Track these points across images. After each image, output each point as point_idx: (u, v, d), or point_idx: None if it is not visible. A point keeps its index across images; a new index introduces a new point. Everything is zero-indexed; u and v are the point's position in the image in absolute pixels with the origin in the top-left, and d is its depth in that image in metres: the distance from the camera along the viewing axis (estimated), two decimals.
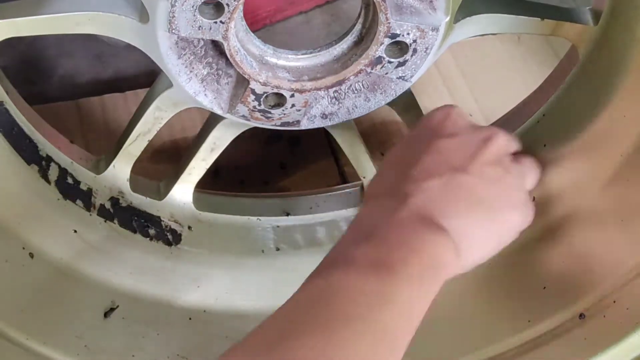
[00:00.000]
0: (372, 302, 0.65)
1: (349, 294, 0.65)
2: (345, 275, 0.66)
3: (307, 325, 0.63)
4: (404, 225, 0.71)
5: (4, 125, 0.83)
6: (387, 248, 0.68)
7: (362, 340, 0.63)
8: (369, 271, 0.66)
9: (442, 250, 0.70)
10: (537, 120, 0.92)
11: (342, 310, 0.64)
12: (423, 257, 0.69)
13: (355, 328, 0.63)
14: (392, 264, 0.67)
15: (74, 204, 0.90)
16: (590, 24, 0.84)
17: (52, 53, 1.25)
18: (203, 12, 0.73)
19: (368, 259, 0.67)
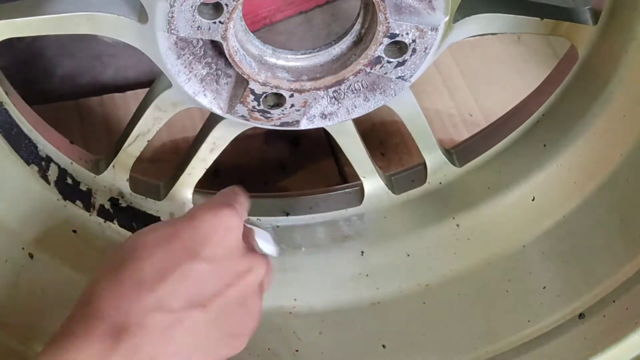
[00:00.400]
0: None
1: None
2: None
3: None
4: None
5: (3, 125, 0.83)
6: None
7: None
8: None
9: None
10: (537, 120, 0.92)
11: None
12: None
13: None
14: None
15: (73, 204, 0.90)
16: (589, 24, 0.84)
17: (52, 53, 1.25)
18: (202, 12, 0.73)
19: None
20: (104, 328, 0.66)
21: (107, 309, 0.67)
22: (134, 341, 0.66)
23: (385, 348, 0.91)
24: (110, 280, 0.69)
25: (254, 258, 0.75)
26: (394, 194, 0.97)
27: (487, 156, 0.95)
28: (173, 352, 0.68)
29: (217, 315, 0.71)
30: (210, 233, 0.72)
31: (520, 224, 0.94)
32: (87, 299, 0.69)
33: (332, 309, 0.94)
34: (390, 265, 0.96)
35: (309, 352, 0.91)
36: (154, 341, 0.67)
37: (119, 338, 0.65)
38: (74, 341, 0.66)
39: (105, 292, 0.69)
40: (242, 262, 0.74)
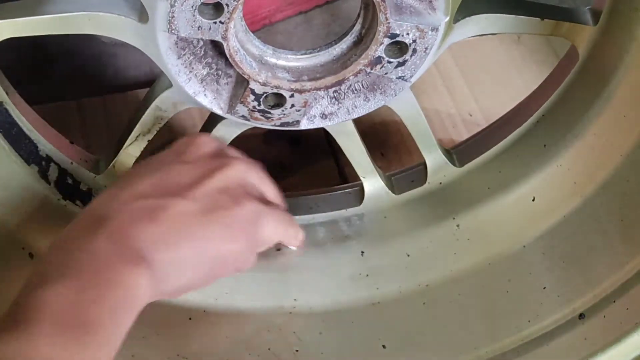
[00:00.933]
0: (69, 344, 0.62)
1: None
2: (38, 330, 0.61)
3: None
4: (98, 255, 0.66)
5: (3, 125, 0.83)
6: (80, 288, 0.64)
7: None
8: (61, 321, 0.62)
9: (136, 282, 0.66)
10: (537, 120, 0.92)
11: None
12: (117, 292, 0.65)
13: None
14: (85, 307, 0.63)
15: (73, 204, 0.90)
16: (589, 24, 0.84)
17: (52, 53, 1.25)
18: (202, 12, 0.73)
19: (60, 304, 0.63)
20: (86, 221, 0.70)
21: (92, 209, 0.72)
22: (113, 224, 0.69)
23: (385, 348, 0.91)
24: (99, 195, 0.75)
25: (231, 158, 0.79)
26: (394, 194, 0.97)
27: (487, 156, 0.95)
28: (160, 236, 0.70)
29: (202, 203, 0.73)
30: (184, 146, 0.80)
31: (520, 224, 0.94)
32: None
33: (332, 309, 0.94)
34: (390, 265, 0.96)
35: (309, 352, 0.91)
36: (136, 223, 0.69)
37: (100, 224, 0.69)
38: (62, 237, 0.70)
39: (93, 201, 0.74)
40: (218, 160, 0.78)
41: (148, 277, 0.67)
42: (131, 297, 0.66)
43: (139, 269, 0.67)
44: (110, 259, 0.66)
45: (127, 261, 0.67)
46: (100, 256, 0.66)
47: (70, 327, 0.62)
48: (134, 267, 0.67)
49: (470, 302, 0.93)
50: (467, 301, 0.93)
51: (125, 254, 0.67)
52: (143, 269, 0.67)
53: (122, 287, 0.66)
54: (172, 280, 0.71)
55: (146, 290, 0.67)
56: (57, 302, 0.63)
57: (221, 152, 0.81)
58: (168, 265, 0.70)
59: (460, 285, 0.94)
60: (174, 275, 0.71)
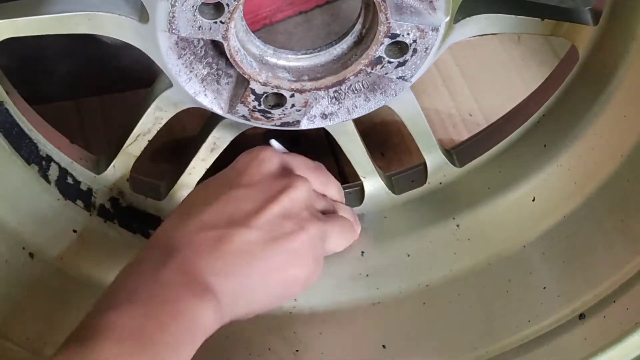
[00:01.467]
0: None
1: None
2: (103, 348, 0.64)
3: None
4: (166, 285, 0.69)
5: (4, 125, 0.83)
6: (145, 315, 0.66)
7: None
8: (126, 343, 0.64)
9: (201, 313, 0.68)
10: (537, 120, 0.92)
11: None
12: (181, 323, 0.67)
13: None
14: (149, 332, 0.65)
15: (74, 204, 0.90)
16: (590, 24, 0.84)
17: (52, 53, 1.25)
18: (203, 12, 0.73)
19: (125, 328, 0.65)
20: (156, 253, 0.72)
21: (160, 239, 0.75)
22: (183, 256, 0.71)
23: (385, 348, 0.91)
24: (163, 224, 0.77)
25: (293, 177, 0.80)
26: (394, 194, 0.97)
27: (488, 156, 0.95)
28: (227, 266, 0.72)
29: (267, 231, 0.74)
30: (246, 166, 0.80)
31: (521, 224, 0.94)
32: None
33: (332, 309, 0.94)
34: (390, 265, 0.96)
35: (309, 352, 0.91)
36: (203, 255, 0.71)
37: (169, 255, 0.71)
38: (133, 264, 0.72)
39: (159, 229, 0.76)
40: (280, 182, 0.78)
41: (213, 308, 0.69)
42: (195, 327, 0.68)
43: (204, 301, 0.69)
44: (178, 290, 0.68)
45: (193, 293, 0.69)
46: (169, 287, 0.69)
47: (133, 350, 0.64)
48: (200, 299, 0.69)
49: (470, 302, 0.93)
50: (467, 301, 0.93)
51: (192, 285, 0.69)
52: (208, 300, 0.69)
53: (187, 317, 0.67)
54: (241, 307, 0.73)
55: (211, 320, 0.69)
56: (123, 326, 0.65)
57: (283, 169, 0.81)
58: (235, 294, 0.72)
59: (460, 285, 0.94)
60: (243, 303, 0.73)
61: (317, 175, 0.86)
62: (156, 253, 0.72)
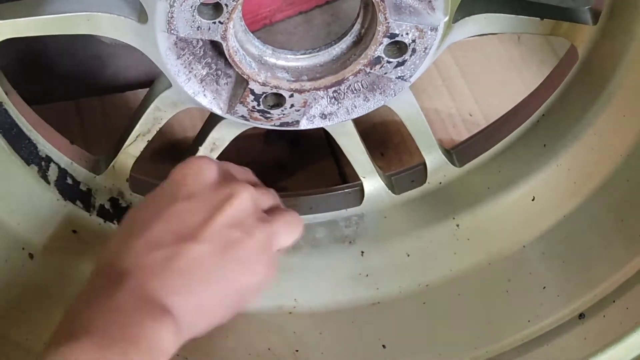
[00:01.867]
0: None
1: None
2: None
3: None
4: (122, 312, 0.67)
5: (3, 125, 0.83)
6: (105, 345, 0.64)
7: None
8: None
9: (161, 336, 0.67)
10: (537, 120, 0.92)
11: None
12: (142, 347, 0.65)
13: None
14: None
15: (73, 204, 0.90)
16: (589, 24, 0.84)
17: (52, 53, 1.25)
18: (202, 12, 0.73)
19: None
20: (108, 279, 0.70)
21: (108, 263, 0.72)
22: (135, 280, 0.69)
23: (385, 348, 0.91)
24: (108, 245, 0.75)
25: (234, 184, 0.77)
26: (394, 194, 0.97)
27: (487, 156, 0.95)
28: (181, 285, 0.70)
29: (215, 243, 0.73)
30: (183, 177, 0.77)
31: (520, 224, 0.94)
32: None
33: (332, 309, 0.94)
34: (390, 265, 0.96)
35: (309, 352, 0.91)
36: (155, 275, 0.70)
37: (121, 281, 0.69)
38: (85, 293, 0.70)
39: (105, 253, 0.74)
40: (221, 191, 0.76)
41: (172, 329, 0.68)
42: (156, 350, 0.66)
43: (161, 323, 0.67)
44: (134, 315, 0.67)
45: (151, 316, 0.67)
46: (124, 313, 0.67)
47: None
48: (156, 321, 0.67)
49: (470, 302, 0.93)
50: (467, 301, 0.93)
51: (148, 309, 0.68)
52: (166, 322, 0.68)
53: (146, 342, 0.66)
54: (199, 323, 0.72)
55: (171, 341, 0.68)
56: (85, 359, 0.64)
57: (221, 176, 0.79)
58: (193, 311, 0.71)
59: (460, 285, 0.94)
60: (200, 318, 0.72)
61: (251, 177, 0.84)
62: (107, 279, 0.70)
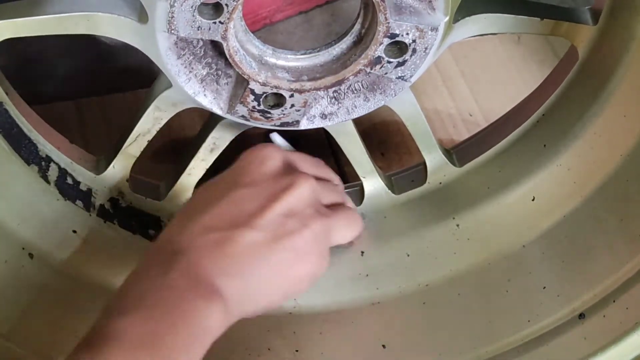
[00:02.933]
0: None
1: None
2: (115, 354, 0.64)
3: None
4: (173, 289, 0.69)
5: (3, 125, 0.83)
6: (155, 319, 0.67)
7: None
8: (138, 348, 0.65)
9: (210, 315, 0.69)
10: (537, 120, 0.92)
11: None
12: (191, 325, 0.68)
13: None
14: (160, 336, 0.66)
15: (73, 204, 0.90)
16: (589, 24, 0.84)
17: (52, 53, 1.25)
18: (202, 12, 0.73)
19: (136, 333, 0.65)
20: (161, 257, 0.72)
21: (163, 243, 0.74)
22: (188, 259, 0.71)
23: (385, 348, 0.91)
24: (166, 228, 0.77)
25: (296, 175, 0.79)
26: (394, 194, 0.97)
27: (487, 156, 0.95)
28: (232, 268, 0.72)
29: (269, 231, 0.74)
30: (247, 164, 0.79)
31: (520, 223, 0.94)
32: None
33: (332, 309, 0.94)
34: (390, 265, 0.96)
35: (309, 352, 0.91)
36: (208, 257, 0.71)
37: (174, 259, 0.71)
38: (139, 270, 0.73)
39: (163, 233, 0.76)
40: (282, 180, 0.78)
41: (221, 309, 0.69)
42: (205, 329, 0.68)
43: (211, 302, 0.69)
44: (184, 293, 0.69)
45: (200, 295, 0.69)
46: (176, 290, 0.69)
47: (144, 354, 0.65)
48: (206, 300, 0.69)
49: (470, 302, 0.93)
50: (467, 301, 0.93)
51: (199, 288, 0.69)
52: (216, 301, 0.69)
53: (195, 319, 0.68)
54: (247, 306, 0.73)
55: (220, 321, 0.70)
56: (133, 331, 0.66)
57: (285, 166, 0.80)
58: (242, 294, 0.72)
59: (460, 285, 0.94)
60: (249, 302, 0.73)
61: (320, 171, 0.86)
62: (161, 257, 0.72)
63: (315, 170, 0.85)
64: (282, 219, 0.75)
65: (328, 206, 0.82)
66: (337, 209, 0.83)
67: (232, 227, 0.74)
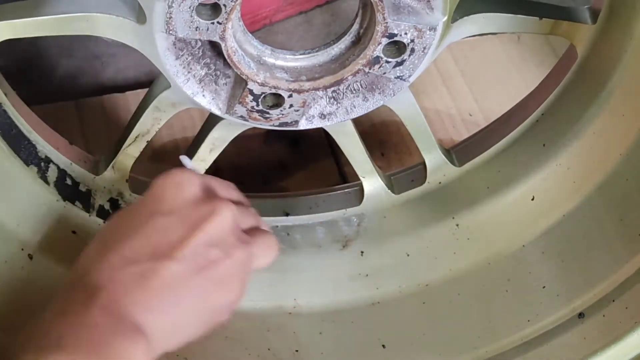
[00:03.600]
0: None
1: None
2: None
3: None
4: (93, 328, 0.66)
5: (2, 126, 0.83)
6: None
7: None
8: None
9: (132, 353, 0.66)
10: (536, 119, 0.92)
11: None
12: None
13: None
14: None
15: (73, 205, 0.90)
16: (588, 23, 0.84)
17: (52, 53, 1.25)
18: (200, 12, 0.73)
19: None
20: (80, 293, 0.69)
21: (81, 275, 0.71)
22: (108, 295, 0.68)
23: (385, 348, 0.91)
24: (83, 255, 0.74)
25: (216, 202, 0.76)
26: (394, 194, 0.97)
27: (487, 156, 0.95)
28: (154, 303, 0.69)
29: (192, 262, 0.72)
30: (164, 191, 0.76)
31: (520, 223, 0.94)
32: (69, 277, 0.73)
33: (332, 309, 0.94)
34: (390, 265, 0.96)
35: (309, 352, 0.91)
36: (129, 293, 0.69)
37: (93, 295, 0.68)
38: (57, 305, 0.69)
39: (78, 264, 0.73)
40: (202, 208, 0.75)
41: (144, 347, 0.67)
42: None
43: (134, 340, 0.67)
44: (106, 332, 0.66)
45: (122, 335, 0.67)
46: (97, 329, 0.66)
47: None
48: (129, 340, 0.67)
49: (470, 302, 0.93)
50: (467, 301, 0.93)
51: (120, 326, 0.67)
52: (139, 340, 0.67)
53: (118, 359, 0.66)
54: (171, 340, 0.72)
55: (142, 359, 0.67)
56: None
57: (203, 192, 0.77)
58: (165, 329, 0.70)
59: (460, 285, 0.94)
60: (173, 336, 0.72)
61: (233, 194, 0.83)
62: (79, 294, 0.69)
63: (229, 192, 0.82)
64: (204, 249, 0.73)
65: (246, 231, 0.79)
66: (256, 234, 0.80)
67: (153, 259, 0.71)
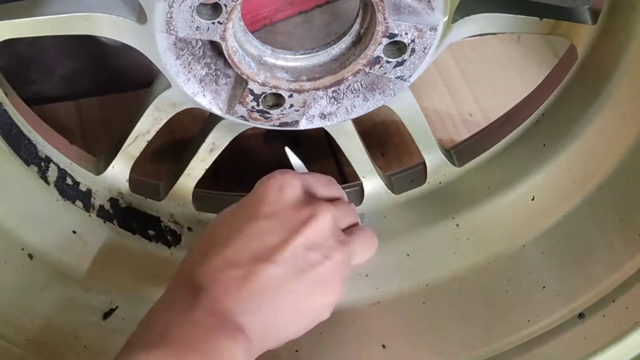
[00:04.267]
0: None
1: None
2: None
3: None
4: (197, 326, 0.69)
5: (3, 126, 0.83)
6: (180, 357, 0.67)
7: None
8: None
9: (233, 353, 0.69)
10: (537, 119, 0.92)
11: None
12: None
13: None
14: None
15: (73, 204, 0.90)
16: (588, 23, 0.84)
17: (52, 53, 1.25)
18: (201, 12, 0.73)
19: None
20: (184, 292, 0.73)
21: (185, 277, 0.75)
22: (212, 296, 0.71)
23: (385, 348, 0.91)
24: (187, 256, 0.78)
25: (316, 205, 0.78)
26: (394, 194, 0.97)
27: (487, 156, 0.95)
28: (254, 305, 0.72)
29: (291, 265, 0.74)
30: (265, 193, 0.78)
31: (520, 223, 0.94)
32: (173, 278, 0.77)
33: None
34: (390, 265, 0.96)
35: (309, 352, 0.91)
36: (231, 294, 0.71)
37: (198, 296, 0.71)
38: (162, 304, 0.73)
39: (183, 266, 0.77)
40: (303, 211, 0.77)
41: (245, 347, 0.70)
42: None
43: (235, 340, 0.70)
44: (209, 330, 0.69)
45: (225, 334, 0.70)
46: (200, 327, 0.69)
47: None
48: (231, 339, 0.69)
49: (470, 302, 0.93)
50: (467, 301, 0.93)
51: (222, 326, 0.70)
52: (240, 340, 0.70)
53: (219, 357, 0.68)
54: (271, 341, 0.74)
55: (242, 358, 0.70)
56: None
57: (303, 194, 0.79)
58: (265, 330, 0.72)
59: (460, 285, 0.94)
60: (273, 337, 0.74)
61: (332, 190, 0.85)
62: (184, 293, 0.73)
63: (329, 190, 0.84)
64: (304, 252, 0.75)
65: (345, 229, 0.81)
66: (355, 232, 0.82)
67: (253, 262, 0.73)
